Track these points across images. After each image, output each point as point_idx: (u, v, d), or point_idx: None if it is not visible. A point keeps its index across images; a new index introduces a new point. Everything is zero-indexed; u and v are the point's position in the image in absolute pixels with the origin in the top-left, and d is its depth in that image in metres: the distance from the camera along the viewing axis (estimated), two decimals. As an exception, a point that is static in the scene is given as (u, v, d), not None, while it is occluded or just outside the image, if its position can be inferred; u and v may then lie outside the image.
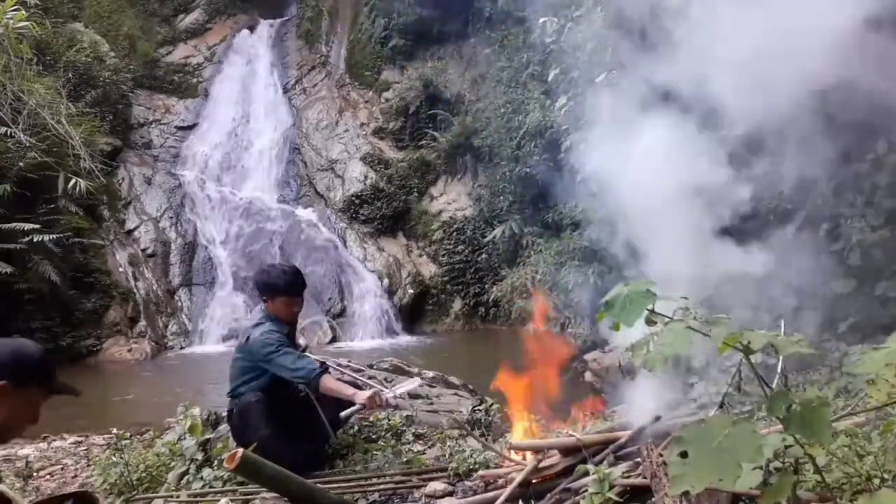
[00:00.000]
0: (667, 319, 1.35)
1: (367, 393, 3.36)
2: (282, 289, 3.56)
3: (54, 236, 10.43)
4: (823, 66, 2.81)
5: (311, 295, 12.89)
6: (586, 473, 2.48)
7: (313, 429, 3.55)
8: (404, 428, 4.13)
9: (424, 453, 3.79)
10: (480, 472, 2.98)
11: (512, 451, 3.04)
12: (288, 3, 20.03)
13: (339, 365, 5.13)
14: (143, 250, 13.16)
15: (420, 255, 14.58)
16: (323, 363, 3.58)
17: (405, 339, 12.69)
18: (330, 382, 3.40)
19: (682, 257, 2.85)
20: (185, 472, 3.45)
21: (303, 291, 3.65)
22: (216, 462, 3.40)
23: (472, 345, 12.60)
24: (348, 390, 3.39)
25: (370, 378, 4.97)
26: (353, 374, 4.96)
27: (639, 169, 3.10)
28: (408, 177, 15.29)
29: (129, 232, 13.42)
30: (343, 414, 3.37)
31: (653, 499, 2.08)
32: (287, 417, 3.48)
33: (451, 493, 3.03)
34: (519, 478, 2.61)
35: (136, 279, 12.59)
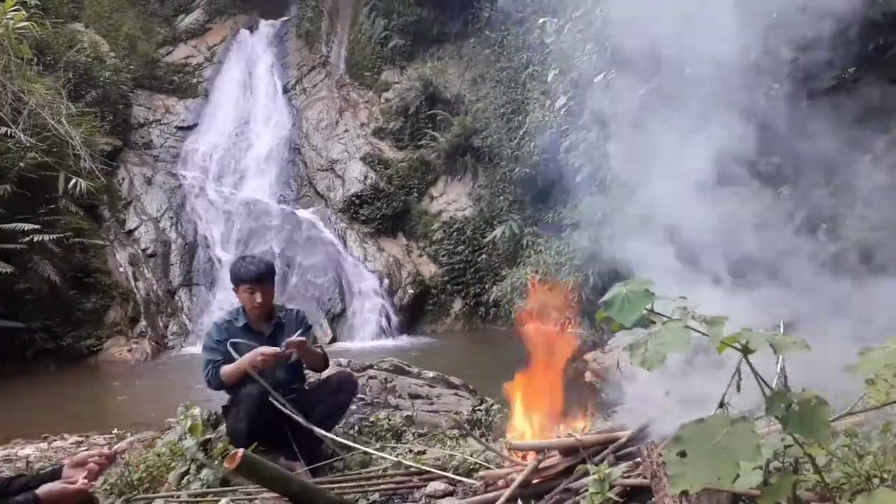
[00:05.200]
0: (665, 319, 1.35)
1: (248, 358, 3.35)
2: (242, 276, 3.55)
3: (54, 236, 10.44)
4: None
5: (311, 295, 12.91)
6: (586, 473, 2.48)
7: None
8: (404, 428, 4.13)
9: (424, 453, 3.79)
10: (481, 473, 2.98)
11: (512, 452, 3.04)
12: (288, 4, 20.03)
13: (339, 365, 5.13)
14: (144, 250, 13.17)
15: (420, 256, 14.58)
16: (218, 362, 3.49)
17: (405, 340, 12.69)
18: (227, 370, 3.42)
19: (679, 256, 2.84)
20: (186, 472, 3.45)
21: (263, 280, 3.56)
22: (216, 462, 3.40)
23: (472, 345, 12.60)
24: (243, 364, 3.37)
25: (370, 378, 4.98)
26: (355, 374, 4.96)
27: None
28: (408, 177, 15.30)
29: (130, 232, 13.42)
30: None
31: (653, 499, 2.08)
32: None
33: (451, 494, 3.02)
34: (519, 478, 2.61)
35: (136, 279, 12.59)
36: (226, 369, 3.44)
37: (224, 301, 12.83)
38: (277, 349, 3.40)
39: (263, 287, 3.57)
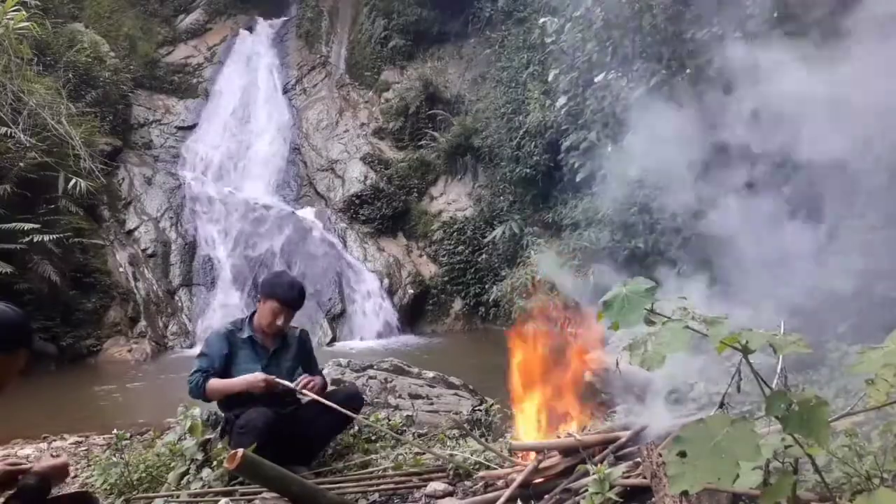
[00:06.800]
0: (665, 319, 1.35)
1: (251, 379, 3.34)
2: (278, 294, 3.53)
3: (54, 236, 10.42)
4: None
5: (310, 295, 12.89)
6: (586, 473, 2.49)
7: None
8: (404, 428, 4.13)
9: (424, 453, 3.79)
10: (481, 473, 2.98)
11: (512, 452, 3.04)
12: (288, 4, 20.04)
13: (340, 365, 5.13)
14: (144, 250, 13.16)
15: (420, 256, 14.58)
16: (207, 372, 3.45)
17: (405, 340, 12.68)
18: (216, 385, 3.40)
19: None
20: (185, 472, 3.45)
21: (294, 307, 3.59)
22: (216, 462, 3.40)
23: (472, 345, 12.59)
24: (237, 385, 3.38)
25: (370, 379, 4.98)
26: (355, 374, 4.97)
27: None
28: (408, 177, 15.29)
29: (130, 232, 13.42)
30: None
31: (653, 499, 2.08)
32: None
33: (451, 494, 3.02)
34: (519, 478, 2.61)
35: (136, 279, 12.59)
36: (214, 384, 3.40)
37: (224, 301, 12.84)
38: (286, 383, 3.38)
39: (292, 313, 3.59)
